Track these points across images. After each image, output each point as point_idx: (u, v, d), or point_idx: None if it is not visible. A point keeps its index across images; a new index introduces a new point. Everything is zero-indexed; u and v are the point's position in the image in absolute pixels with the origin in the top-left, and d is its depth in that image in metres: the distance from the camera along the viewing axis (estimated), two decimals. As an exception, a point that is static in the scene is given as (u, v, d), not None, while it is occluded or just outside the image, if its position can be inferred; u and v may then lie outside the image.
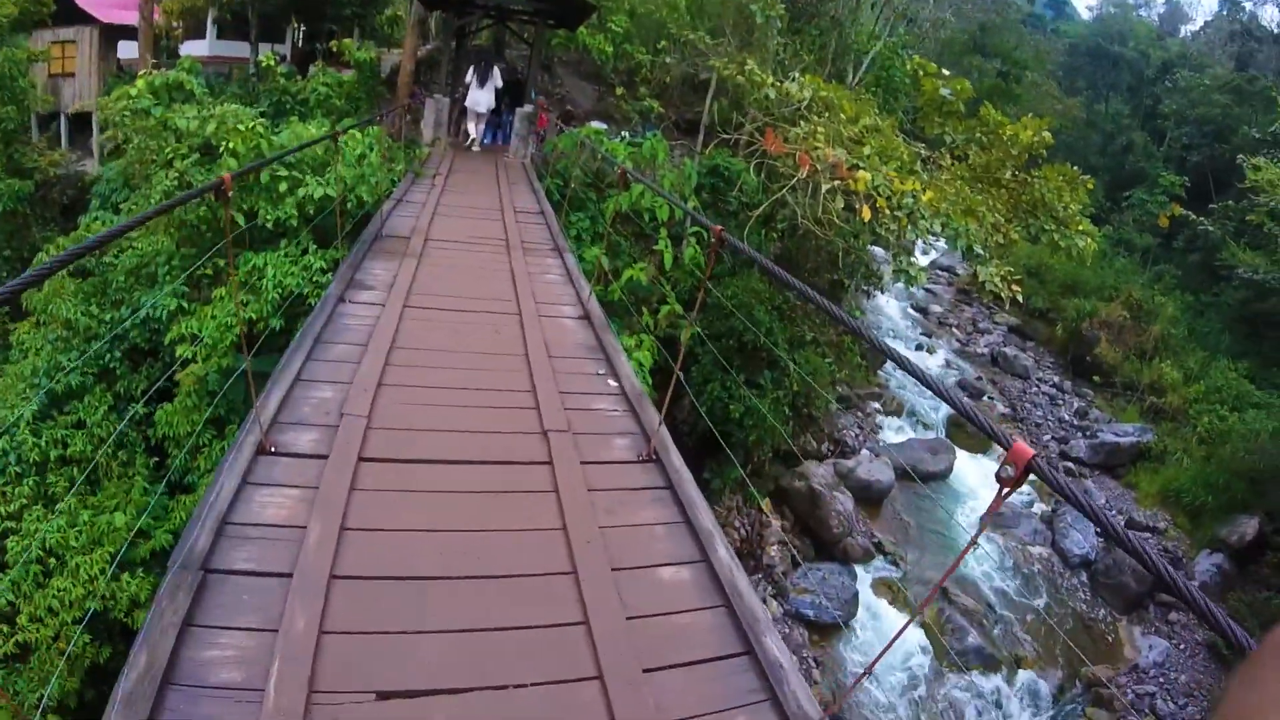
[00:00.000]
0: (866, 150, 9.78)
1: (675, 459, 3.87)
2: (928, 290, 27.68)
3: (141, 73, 10.02)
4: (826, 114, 10.48)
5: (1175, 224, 24.29)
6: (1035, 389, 22.41)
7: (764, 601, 11.46)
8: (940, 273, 28.86)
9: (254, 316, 7.15)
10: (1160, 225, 22.56)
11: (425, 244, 7.22)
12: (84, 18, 22.78)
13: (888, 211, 9.16)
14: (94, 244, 2.15)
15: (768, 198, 11.37)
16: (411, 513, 3.20)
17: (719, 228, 3.35)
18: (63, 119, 22.28)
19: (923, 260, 30.71)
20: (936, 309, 26.22)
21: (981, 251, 9.56)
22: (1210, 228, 26.32)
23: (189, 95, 10.07)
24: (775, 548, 12.66)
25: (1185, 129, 36.01)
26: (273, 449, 3.44)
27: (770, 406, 11.22)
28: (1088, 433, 19.57)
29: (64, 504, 7.92)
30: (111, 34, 22.61)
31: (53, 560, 7.45)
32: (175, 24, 21.72)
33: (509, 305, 5.96)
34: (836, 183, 9.35)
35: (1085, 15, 74.33)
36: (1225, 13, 48.65)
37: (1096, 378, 22.58)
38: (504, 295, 6.20)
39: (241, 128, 8.21)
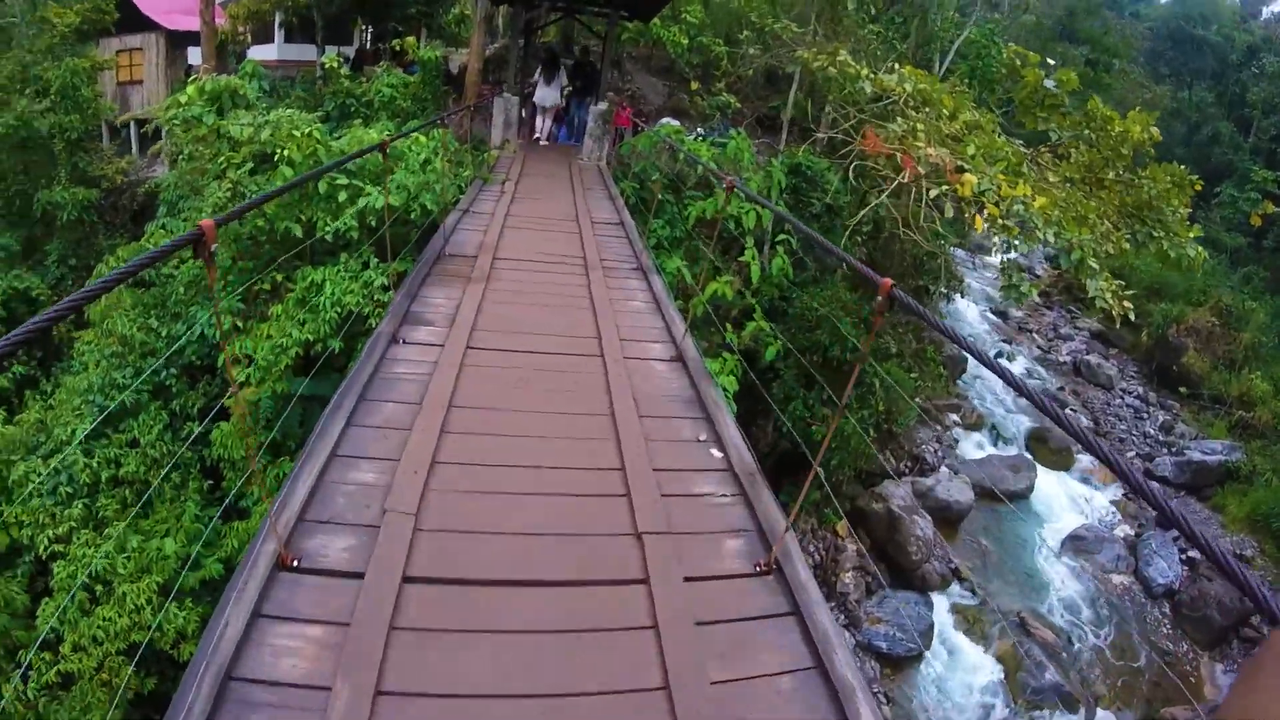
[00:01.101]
0: (970, 150, 8.83)
1: (801, 571, 3.06)
2: (1007, 292, 26.40)
3: (192, 78, 9.67)
4: (926, 109, 9.56)
5: (1266, 221, 22.74)
6: (1119, 400, 21.32)
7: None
8: (1020, 272, 27.56)
9: (311, 338, 6.68)
10: (1252, 224, 21.11)
11: (493, 264, 6.46)
12: (150, 25, 23.08)
13: (999, 220, 8.24)
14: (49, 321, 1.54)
15: (855, 199, 10.54)
16: (469, 666, 2.46)
17: (888, 281, 2.58)
18: (132, 126, 22.63)
19: (998, 258, 29.41)
20: (1016, 313, 25.03)
21: (1095, 265, 8.56)
22: (1302, 225, 24.67)
23: (245, 101, 9.67)
24: (850, 574, 12.03)
25: (1274, 118, 34.25)
26: (295, 562, 2.72)
27: (855, 426, 10.42)
28: (1174, 449, 18.47)
29: (113, 529, 7.60)
30: (178, 40, 22.92)
31: (99, 587, 7.11)
32: (241, 29, 21.78)
33: (589, 344, 5.13)
34: (945, 188, 8.45)
35: (1165, -4, 70.90)
36: (1308, -10, 45.63)
37: (1183, 389, 21.27)
38: (583, 330, 5.37)
39: (297, 134, 7.73)
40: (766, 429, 10.62)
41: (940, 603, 12.30)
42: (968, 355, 2.43)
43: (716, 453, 3.97)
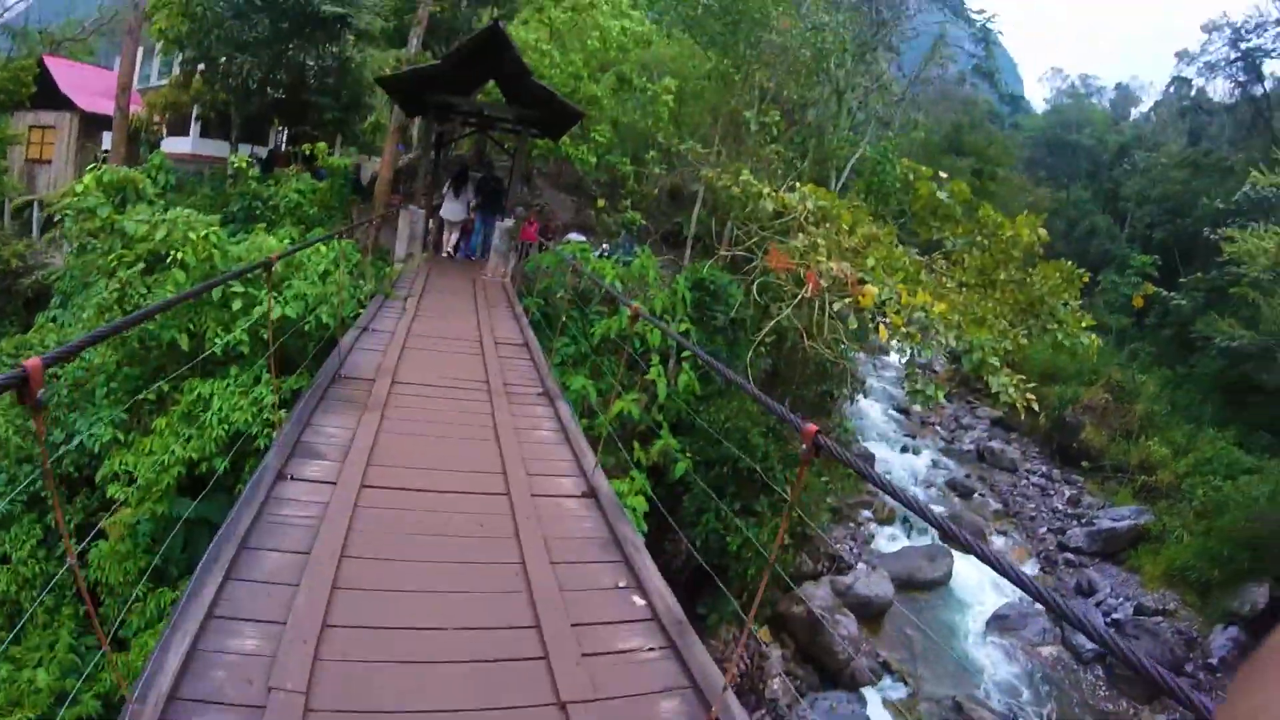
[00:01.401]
0: (870, 262, 9.26)
1: None
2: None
3: (90, 167, 9.30)
4: (826, 224, 10.03)
5: (1146, 301, 24.66)
6: (1025, 481, 22.07)
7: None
8: (918, 370, 28.66)
9: (195, 456, 6.31)
10: (1135, 305, 22.90)
11: (391, 389, 6.06)
12: (66, 104, 22.58)
13: (901, 328, 8.60)
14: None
15: (759, 312, 10.82)
16: None
17: (812, 427, 2.48)
18: (36, 207, 21.81)
19: (900, 359, 30.73)
20: (917, 408, 25.85)
21: (996, 363, 9.02)
22: (1181, 301, 26.69)
23: (145, 195, 9.36)
24: (777, 680, 11.71)
25: (1147, 208, 37.03)
26: None
27: (769, 536, 10.41)
28: (1083, 520, 19.14)
29: (-19, 655, 6.91)
30: (93, 123, 22.51)
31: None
32: (157, 119, 21.52)
33: (494, 480, 4.76)
34: (847, 300, 8.80)
35: (1040, 107, 77.93)
36: (1174, 90, 50.72)
37: (1085, 463, 22.28)
38: (488, 465, 5.00)
39: (194, 236, 7.49)
40: (680, 542, 10.55)
41: (873, 698, 12.10)
42: (876, 476, 2.41)
43: (639, 600, 3.68)
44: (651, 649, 3.29)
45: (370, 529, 3.89)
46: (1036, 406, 9.73)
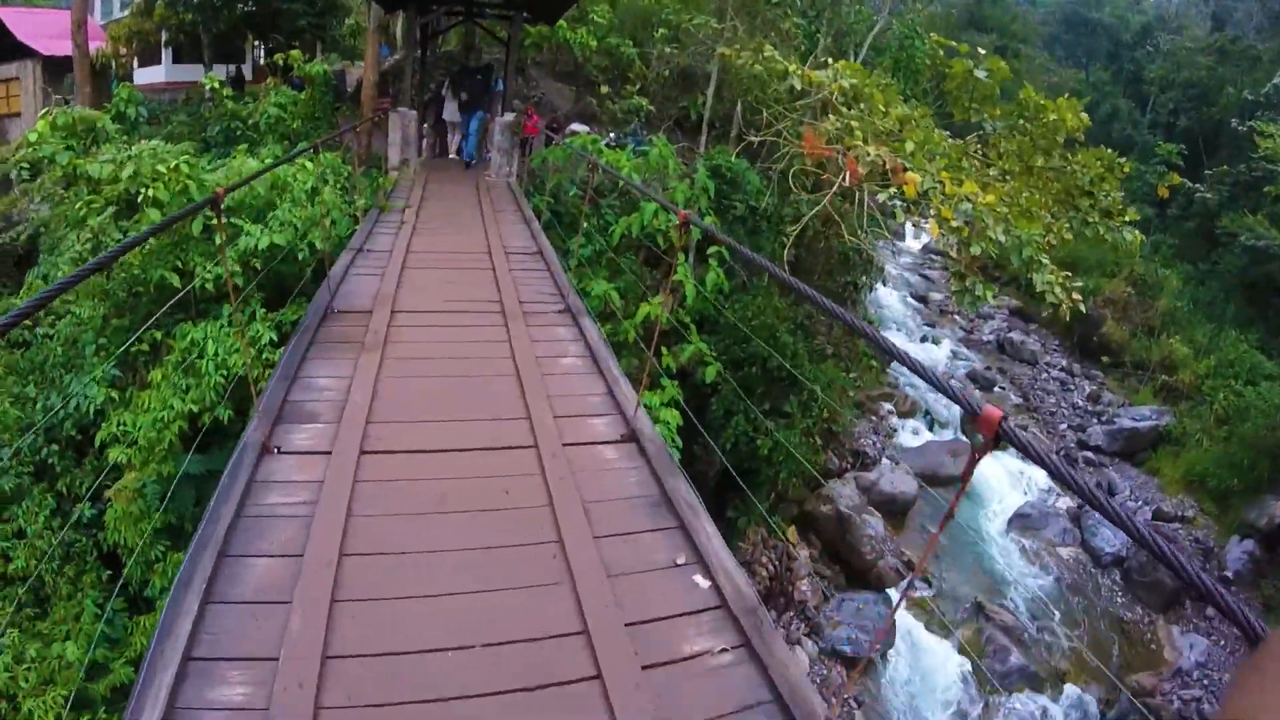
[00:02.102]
0: (909, 147, 8.41)
1: None
2: (924, 277, 26.96)
3: (43, 112, 8.53)
4: (860, 105, 9.11)
5: (1170, 192, 23.85)
6: (1045, 374, 21.74)
7: (798, 643, 10.80)
8: (935, 257, 27.99)
9: (195, 408, 5.85)
10: (1160, 195, 22.11)
11: (391, 321, 5.35)
12: (25, 51, 21.62)
13: (950, 221, 7.86)
14: None
15: (779, 199, 10.10)
16: None
17: (996, 412, 1.84)
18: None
19: (915, 245, 29.98)
20: (936, 296, 25.30)
21: (1045, 259, 8.36)
22: (1207, 195, 25.72)
23: (106, 134, 8.60)
24: (806, 580, 11.79)
25: (1171, 93, 35.64)
26: None
27: (800, 437, 10.07)
28: (1104, 418, 18.86)
29: (9, 636, 6.64)
30: (57, 67, 21.51)
31: (3, 703, 6.21)
32: (124, 51, 20.36)
33: (518, 430, 4.06)
34: (892, 190, 8.06)
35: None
36: (1199, -30, 48.16)
37: (1105, 358, 21.88)
38: (509, 409, 4.28)
39: (164, 169, 6.79)
40: (710, 449, 10.29)
41: (897, 598, 12.14)
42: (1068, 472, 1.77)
43: (702, 581, 3.05)
44: (724, 650, 2.70)
45: (374, 512, 3.26)
46: (1084, 307, 9.16)
